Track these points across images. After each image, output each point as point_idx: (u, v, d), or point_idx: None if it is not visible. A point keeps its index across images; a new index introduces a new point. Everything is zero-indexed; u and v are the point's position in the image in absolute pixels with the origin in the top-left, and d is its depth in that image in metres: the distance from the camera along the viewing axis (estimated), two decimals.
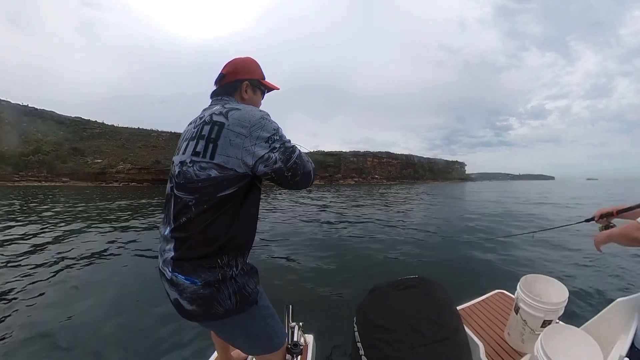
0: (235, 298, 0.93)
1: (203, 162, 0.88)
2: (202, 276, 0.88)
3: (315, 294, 3.69)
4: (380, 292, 1.21)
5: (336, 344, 2.21)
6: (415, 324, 1.02)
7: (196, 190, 0.88)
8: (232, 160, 0.87)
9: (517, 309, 1.49)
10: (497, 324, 1.74)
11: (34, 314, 3.00)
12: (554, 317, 1.38)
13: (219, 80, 1.12)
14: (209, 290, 0.89)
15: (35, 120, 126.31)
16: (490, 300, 1.98)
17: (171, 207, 0.94)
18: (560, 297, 1.39)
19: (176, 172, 0.95)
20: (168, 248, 0.93)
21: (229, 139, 0.87)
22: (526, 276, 1.56)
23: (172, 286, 0.92)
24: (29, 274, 4.16)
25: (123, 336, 2.69)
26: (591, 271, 3.41)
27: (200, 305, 0.90)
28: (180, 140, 1.07)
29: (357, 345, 1.08)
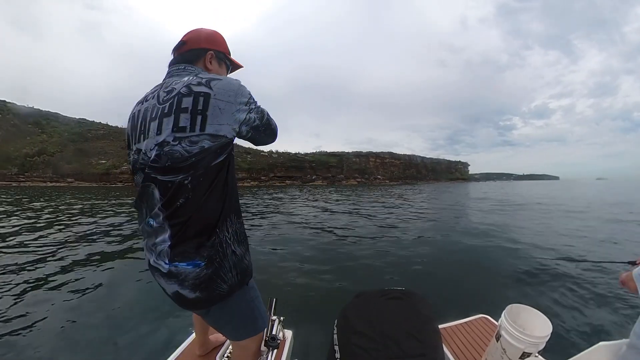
0: (236, 270, 0.96)
1: (193, 136, 0.84)
2: (205, 254, 0.88)
3: (301, 292, 3.76)
4: (365, 298, 1.21)
5: (314, 343, 2.23)
6: (395, 335, 1.02)
7: (191, 166, 0.84)
8: (223, 127, 0.88)
9: (499, 336, 1.50)
10: (476, 348, 1.74)
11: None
12: (534, 351, 1.38)
13: (178, 48, 1.04)
14: (212, 268, 0.90)
15: (40, 121, 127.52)
16: (473, 324, 1.98)
17: (154, 197, 0.88)
18: (544, 331, 1.39)
19: (152, 157, 0.86)
20: (161, 239, 0.89)
21: (218, 108, 0.86)
22: (512, 305, 1.57)
23: (170, 278, 0.90)
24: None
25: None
26: (582, 307, 3.38)
27: (204, 289, 0.90)
28: (136, 123, 0.94)
29: (334, 347, 1.08)
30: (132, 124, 0.96)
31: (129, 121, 0.99)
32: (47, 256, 5.41)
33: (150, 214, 0.90)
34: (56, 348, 2.57)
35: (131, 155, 0.97)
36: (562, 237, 7.45)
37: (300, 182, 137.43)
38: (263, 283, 3.98)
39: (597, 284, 4.06)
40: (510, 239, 7.07)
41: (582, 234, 7.63)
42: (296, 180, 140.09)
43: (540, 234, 7.82)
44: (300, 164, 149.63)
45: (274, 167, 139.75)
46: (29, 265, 4.83)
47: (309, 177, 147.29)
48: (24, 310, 3.20)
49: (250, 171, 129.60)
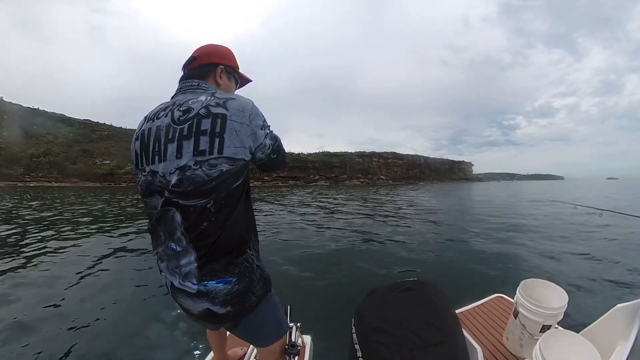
0: (262, 282, 1.00)
1: (212, 159, 0.82)
2: (235, 271, 0.90)
3: (314, 295, 3.72)
4: (379, 294, 1.21)
5: (334, 345, 2.21)
6: (414, 327, 1.01)
7: (212, 190, 0.83)
8: (240, 150, 0.87)
9: (516, 313, 1.48)
10: (495, 328, 1.73)
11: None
12: (553, 322, 1.36)
13: (188, 64, 1.04)
14: (244, 283, 0.92)
15: (46, 122, 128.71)
16: (489, 304, 1.97)
17: (174, 221, 0.86)
18: (560, 302, 1.38)
19: (174, 181, 0.83)
20: (186, 262, 0.88)
21: (234, 130, 0.85)
22: (525, 280, 1.55)
23: (199, 298, 0.90)
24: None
25: (114, 338, 2.74)
26: (593, 275, 3.35)
27: (235, 303, 0.92)
28: (148, 142, 0.90)
29: (354, 347, 1.08)
30: (143, 142, 0.92)
31: (138, 139, 0.94)
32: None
33: (172, 238, 0.88)
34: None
35: (142, 176, 0.92)
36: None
37: (303, 183, 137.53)
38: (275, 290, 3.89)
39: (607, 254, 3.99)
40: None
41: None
42: (299, 181, 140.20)
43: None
44: (303, 165, 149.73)
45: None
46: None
47: (312, 177, 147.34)
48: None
49: (253, 172, 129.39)
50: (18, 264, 4.77)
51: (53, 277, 4.20)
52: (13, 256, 5.22)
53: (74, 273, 4.35)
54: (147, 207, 0.95)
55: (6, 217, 10.57)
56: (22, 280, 4.06)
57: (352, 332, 1.14)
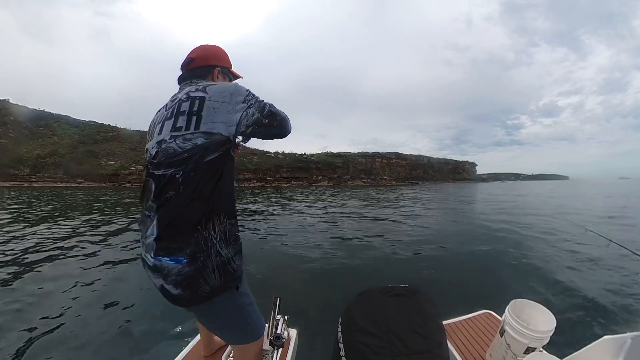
0: (220, 272, 0.93)
1: (187, 134, 0.90)
2: (187, 251, 0.88)
3: (305, 291, 3.78)
4: (369, 296, 1.20)
5: (319, 341, 2.24)
6: (400, 332, 1.01)
7: (183, 161, 0.89)
8: (217, 125, 0.92)
9: (503, 331, 1.49)
10: (480, 344, 1.73)
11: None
12: (539, 345, 1.37)
13: (186, 64, 1.12)
14: (194, 266, 0.88)
15: (51, 124, 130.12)
16: (476, 319, 1.97)
17: (150, 190, 0.94)
18: (548, 326, 1.38)
19: (153, 154, 0.96)
20: (150, 232, 0.92)
21: (212, 108, 0.93)
22: (516, 300, 1.56)
23: (155, 272, 0.91)
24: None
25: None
26: (586, 303, 3.33)
27: (186, 287, 0.89)
28: (149, 130, 1.09)
29: (339, 345, 1.08)
30: (148, 131, 1.09)
31: (148, 129, 1.11)
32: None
33: (145, 206, 0.96)
34: (57, 344, 2.58)
35: (145, 154, 1.05)
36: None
37: (306, 183, 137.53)
38: (266, 282, 4.01)
39: (603, 278, 3.97)
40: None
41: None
42: (302, 181, 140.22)
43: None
44: (306, 165, 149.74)
45: (280, 167, 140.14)
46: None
47: (314, 177, 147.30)
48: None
49: (257, 172, 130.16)
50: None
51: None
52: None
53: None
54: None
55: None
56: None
57: (338, 330, 1.14)
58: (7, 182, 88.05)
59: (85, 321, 3.00)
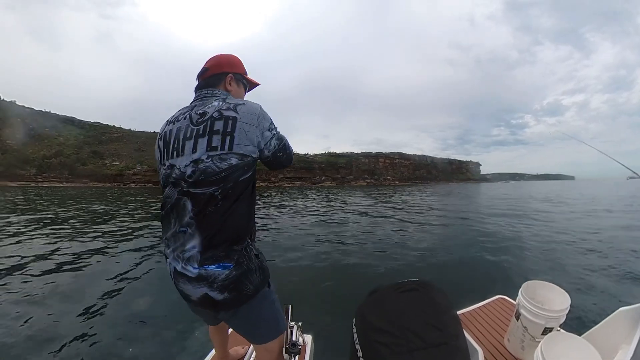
0: (260, 272, 1.04)
1: (222, 154, 0.94)
2: (234, 257, 0.96)
3: (316, 295, 3.73)
4: (380, 294, 1.20)
5: (334, 345, 2.21)
6: (415, 327, 1.01)
7: (221, 180, 0.94)
8: (248, 147, 0.98)
9: (518, 315, 1.47)
10: (497, 329, 1.71)
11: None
12: (555, 325, 1.35)
13: (201, 74, 1.16)
14: (240, 269, 0.97)
15: (57, 125, 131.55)
16: (490, 306, 1.95)
17: (186, 208, 0.96)
18: (562, 304, 1.36)
19: (189, 173, 0.96)
20: (190, 246, 0.96)
21: (244, 130, 0.97)
22: (528, 282, 1.54)
23: (199, 282, 0.95)
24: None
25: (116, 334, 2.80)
26: (597, 278, 3.29)
27: (232, 290, 0.97)
28: (169, 141, 1.03)
29: (355, 347, 1.08)
30: (165, 141, 1.06)
31: (161, 139, 1.08)
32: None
33: (181, 223, 0.98)
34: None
35: (162, 170, 1.05)
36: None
37: (310, 183, 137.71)
38: (275, 289, 3.91)
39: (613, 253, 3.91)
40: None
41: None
42: (305, 182, 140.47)
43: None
44: (309, 165, 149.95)
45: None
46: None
47: (318, 178, 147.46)
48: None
49: (260, 172, 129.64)
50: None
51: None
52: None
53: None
54: (163, 197, 1.05)
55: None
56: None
57: (353, 332, 1.14)
58: (14, 182, 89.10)
59: (82, 334, 2.79)
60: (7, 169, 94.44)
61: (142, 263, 5.05)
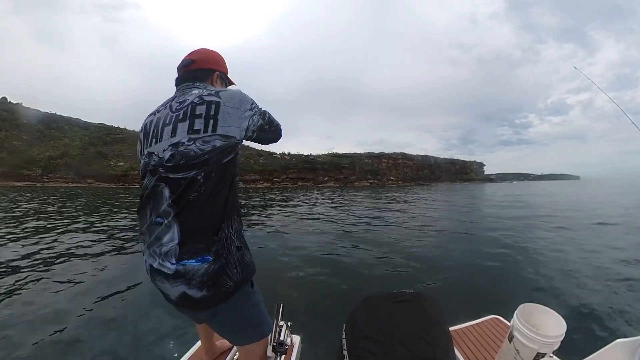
0: (240, 267, 0.99)
1: (206, 137, 0.92)
2: (213, 249, 0.91)
3: (308, 297, 3.73)
4: (374, 302, 1.19)
5: (322, 348, 2.22)
6: (405, 339, 0.99)
7: (203, 162, 0.91)
8: (232, 129, 0.97)
9: (511, 337, 1.46)
10: (488, 350, 1.70)
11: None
12: (548, 351, 1.35)
13: (185, 66, 1.12)
14: (219, 263, 0.92)
15: (62, 126, 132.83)
16: (484, 325, 1.94)
17: (163, 196, 0.92)
18: (558, 330, 1.36)
19: (167, 157, 0.92)
20: (168, 238, 0.91)
21: (227, 112, 0.96)
22: (524, 304, 1.53)
23: (176, 279, 0.91)
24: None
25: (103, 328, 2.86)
26: (597, 304, 3.24)
27: (211, 285, 0.92)
28: (149, 131, 1.02)
29: (342, 352, 1.07)
30: (144, 132, 1.04)
31: (141, 131, 1.07)
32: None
33: (157, 212, 0.93)
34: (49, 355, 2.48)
35: (142, 160, 1.02)
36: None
37: (313, 184, 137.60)
38: (268, 288, 3.93)
39: (614, 279, 3.86)
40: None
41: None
42: (308, 182, 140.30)
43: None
44: (312, 166, 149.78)
45: (286, 168, 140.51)
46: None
47: (321, 178, 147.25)
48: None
49: (263, 173, 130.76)
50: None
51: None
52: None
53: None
54: (141, 189, 1.01)
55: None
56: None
57: (342, 337, 1.13)
58: (20, 182, 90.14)
59: (77, 330, 2.85)
60: (14, 169, 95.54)
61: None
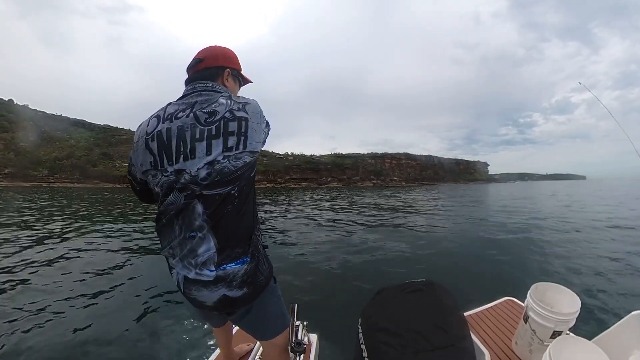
0: (267, 262, 1.10)
1: (238, 154, 0.95)
2: (250, 251, 1.00)
3: (321, 294, 3.72)
4: (387, 294, 1.18)
5: (340, 344, 2.21)
6: (421, 328, 0.99)
7: (237, 178, 0.95)
8: (257, 144, 1.01)
9: (527, 318, 1.44)
10: (504, 332, 1.68)
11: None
12: (565, 328, 1.32)
13: (194, 65, 1.08)
14: (255, 261, 1.01)
15: (68, 128, 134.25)
16: (498, 308, 1.92)
17: (195, 212, 0.92)
18: (572, 307, 1.33)
19: (203, 175, 0.91)
20: (204, 249, 0.94)
21: (254, 130, 1.00)
22: (537, 284, 1.51)
23: (216, 285, 0.95)
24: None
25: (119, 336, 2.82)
26: (609, 281, 3.20)
27: (250, 283, 1.00)
28: (168, 143, 0.93)
29: (360, 347, 1.07)
30: (161, 143, 0.93)
31: (153, 140, 0.95)
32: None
33: (191, 228, 0.94)
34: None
35: (162, 177, 0.94)
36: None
37: (316, 184, 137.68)
38: (280, 288, 3.86)
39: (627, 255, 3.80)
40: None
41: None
42: (312, 182, 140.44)
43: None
44: (315, 166, 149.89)
45: (289, 169, 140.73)
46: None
47: (324, 179, 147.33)
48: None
49: (267, 173, 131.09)
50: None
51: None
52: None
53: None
54: (163, 206, 0.96)
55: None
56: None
57: (359, 332, 1.13)
58: (26, 183, 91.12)
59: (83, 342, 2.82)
60: (21, 170, 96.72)
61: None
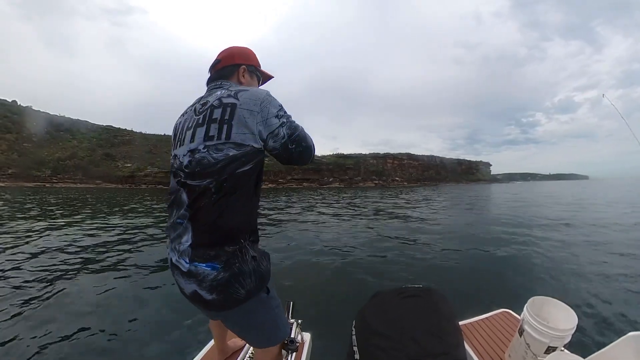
0: (255, 276, 0.96)
1: (219, 144, 0.89)
2: (224, 259, 0.90)
3: (318, 294, 3.72)
4: (383, 298, 1.17)
5: (333, 345, 2.20)
6: (415, 334, 0.98)
7: (216, 172, 0.89)
8: (248, 136, 0.91)
9: (522, 331, 1.44)
10: (498, 344, 1.67)
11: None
12: (559, 344, 1.31)
13: (214, 66, 1.13)
14: (230, 272, 0.90)
15: (71, 129, 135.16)
16: (494, 319, 1.90)
17: (182, 198, 0.94)
18: (568, 323, 1.32)
19: (186, 163, 0.93)
20: (185, 239, 0.93)
21: (243, 117, 0.90)
22: (534, 297, 1.50)
23: (189, 278, 0.92)
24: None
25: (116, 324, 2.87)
26: (609, 298, 3.18)
27: (221, 292, 0.91)
28: (177, 133, 1.05)
29: (353, 349, 1.06)
30: (174, 133, 1.07)
31: (172, 132, 1.10)
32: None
33: (178, 214, 0.95)
34: (63, 353, 2.46)
35: (172, 161, 1.03)
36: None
37: (318, 185, 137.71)
38: (278, 285, 3.91)
39: (627, 274, 3.79)
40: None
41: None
42: (313, 183, 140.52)
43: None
44: (317, 167, 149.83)
45: (291, 169, 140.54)
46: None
47: (326, 179, 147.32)
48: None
49: (268, 173, 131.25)
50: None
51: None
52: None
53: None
54: (169, 188, 1.04)
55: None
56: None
57: (352, 334, 1.12)
58: (30, 183, 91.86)
59: (80, 329, 2.83)
60: (24, 171, 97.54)
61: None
